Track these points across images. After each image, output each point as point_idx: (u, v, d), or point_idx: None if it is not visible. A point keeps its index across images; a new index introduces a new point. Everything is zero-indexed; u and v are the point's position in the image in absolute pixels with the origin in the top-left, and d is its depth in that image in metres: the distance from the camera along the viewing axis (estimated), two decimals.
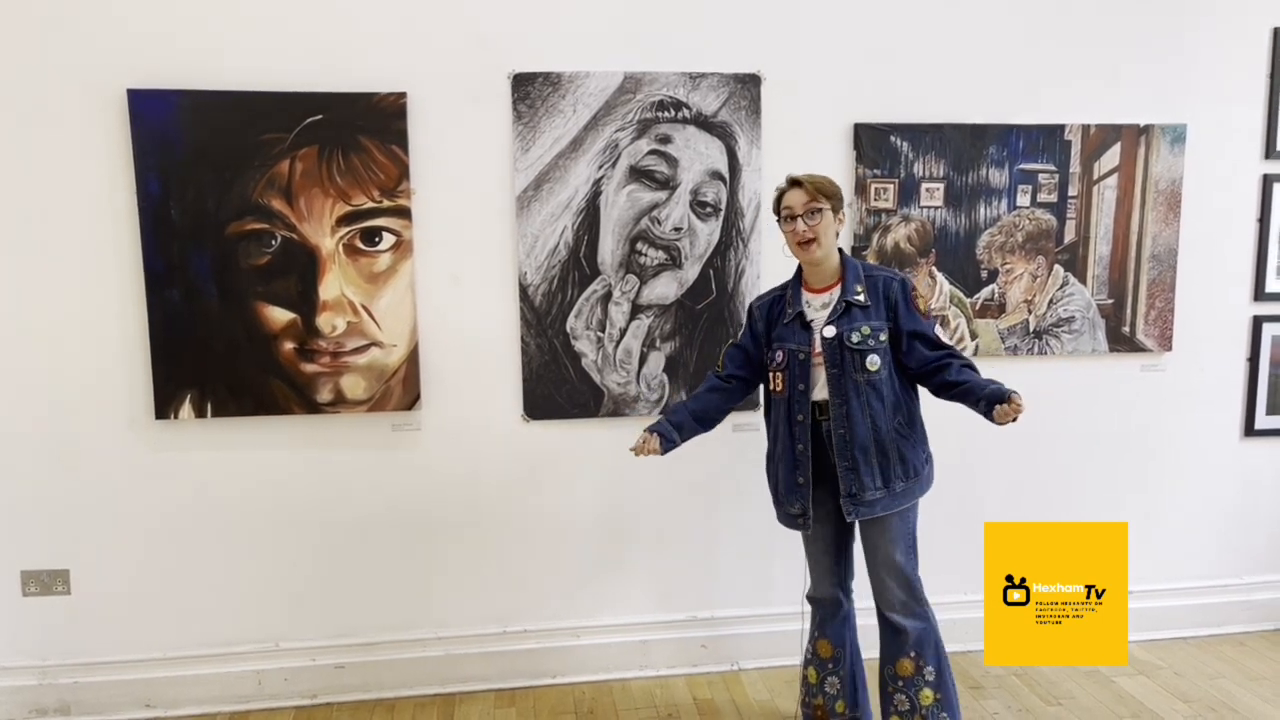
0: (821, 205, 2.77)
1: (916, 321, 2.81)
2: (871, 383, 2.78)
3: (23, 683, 3.40)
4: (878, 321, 2.79)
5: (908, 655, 2.90)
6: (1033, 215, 3.72)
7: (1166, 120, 3.76)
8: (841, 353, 2.78)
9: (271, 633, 3.53)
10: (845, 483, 2.82)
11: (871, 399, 2.78)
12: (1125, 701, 3.51)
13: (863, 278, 2.84)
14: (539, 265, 3.46)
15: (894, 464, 2.81)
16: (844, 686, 3.06)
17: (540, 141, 3.40)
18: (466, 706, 3.53)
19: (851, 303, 2.81)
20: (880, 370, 2.78)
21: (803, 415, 2.85)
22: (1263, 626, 4.10)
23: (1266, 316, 3.94)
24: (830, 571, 3.03)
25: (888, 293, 2.82)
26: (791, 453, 2.90)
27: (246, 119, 3.22)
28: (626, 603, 3.72)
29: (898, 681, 2.92)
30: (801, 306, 2.89)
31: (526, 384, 3.53)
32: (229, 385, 3.33)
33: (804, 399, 2.85)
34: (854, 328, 2.78)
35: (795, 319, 2.88)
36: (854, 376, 2.78)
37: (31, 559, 3.38)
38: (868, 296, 2.81)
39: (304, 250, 3.30)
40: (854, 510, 2.83)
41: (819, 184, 2.78)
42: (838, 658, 3.06)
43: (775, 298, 2.98)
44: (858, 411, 2.78)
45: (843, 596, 3.06)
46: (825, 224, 2.78)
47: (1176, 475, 4.00)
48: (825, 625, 3.08)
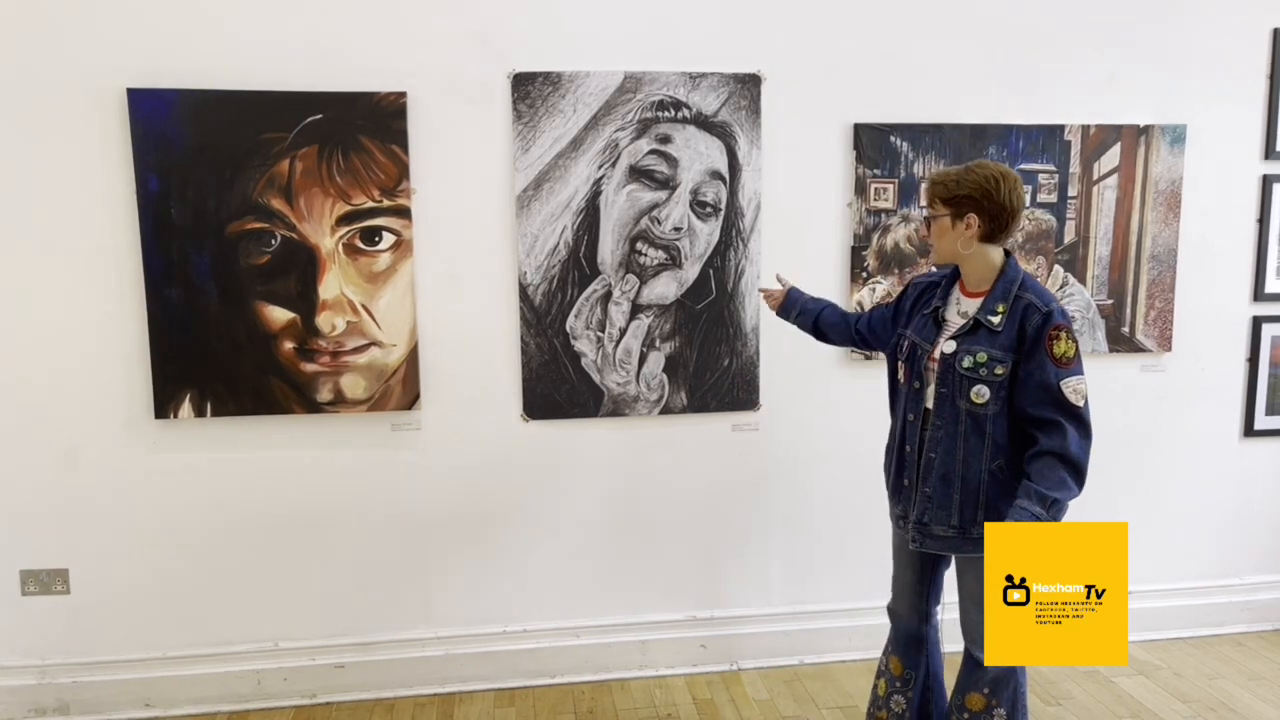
0: (937, 213, 2.57)
1: (1040, 368, 2.44)
2: (974, 415, 2.52)
3: (22, 682, 3.40)
4: (999, 351, 2.48)
5: (980, 691, 2.68)
6: (1032, 215, 3.72)
7: (1166, 121, 3.76)
8: (951, 373, 2.54)
9: (271, 632, 3.53)
10: (919, 509, 2.63)
11: (970, 432, 2.53)
12: (1125, 702, 3.51)
13: (1011, 297, 2.51)
14: (539, 265, 3.46)
15: (979, 508, 2.55)
16: (910, 710, 2.87)
17: (540, 141, 3.40)
18: (466, 706, 3.53)
19: (983, 322, 2.52)
20: (988, 406, 2.50)
21: (914, 415, 2.66)
22: (1262, 627, 4.11)
23: (1266, 317, 3.94)
24: (911, 589, 2.84)
25: (1025, 321, 2.47)
26: (901, 450, 2.73)
27: (246, 118, 3.22)
28: (626, 602, 3.72)
29: (964, 713, 2.72)
30: (946, 302, 2.66)
31: (526, 383, 3.53)
32: (228, 385, 3.33)
33: (918, 399, 2.65)
34: (971, 351, 2.51)
35: (933, 313, 2.66)
36: (958, 403, 2.54)
37: (31, 558, 3.38)
38: (1003, 320, 2.50)
39: (304, 250, 3.30)
40: (919, 540, 2.66)
41: (939, 187, 2.56)
42: (908, 679, 2.88)
43: (931, 282, 2.76)
44: (951, 440, 2.56)
45: (921, 622, 2.85)
46: (939, 230, 2.58)
47: (1176, 475, 4.00)
48: (899, 643, 2.90)
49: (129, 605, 3.43)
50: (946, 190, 2.54)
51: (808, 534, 3.77)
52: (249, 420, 3.39)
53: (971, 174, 2.52)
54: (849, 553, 3.78)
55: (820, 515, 3.76)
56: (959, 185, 2.51)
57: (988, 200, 2.49)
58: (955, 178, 2.53)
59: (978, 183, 2.49)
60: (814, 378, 3.69)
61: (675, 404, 3.60)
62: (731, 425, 3.68)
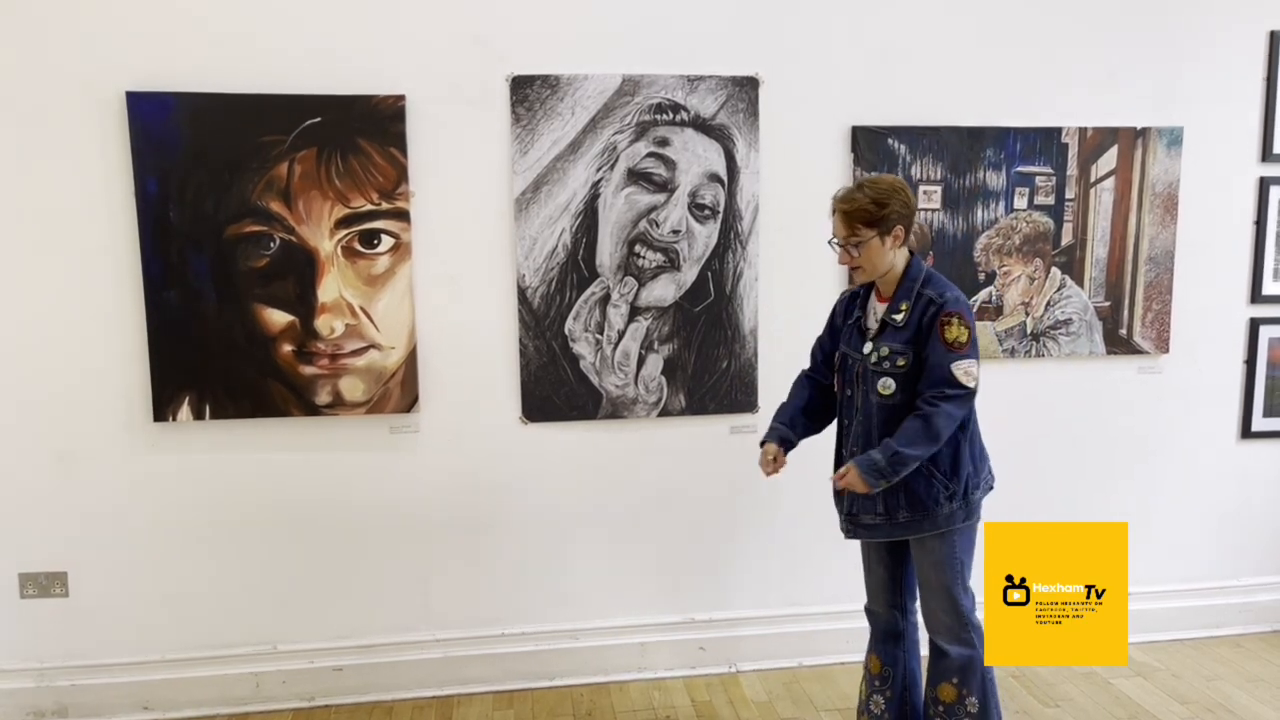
0: (860, 237, 2.64)
1: (933, 352, 2.59)
2: (883, 406, 2.68)
3: (20, 685, 3.39)
4: (900, 344, 2.65)
5: (950, 681, 2.79)
6: (1030, 218, 3.72)
7: (1163, 123, 3.77)
8: (865, 370, 2.72)
9: (269, 635, 3.52)
10: (847, 500, 2.80)
11: (882, 423, 2.68)
12: (1123, 703, 3.51)
13: (913, 294, 2.67)
14: (537, 267, 3.46)
15: (897, 493, 2.68)
16: (890, 708, 2.95)
17: (539, 144, 3.41)
18: (465, 708, 3.53)
19: (888, 321, 2.69)
20: (894, 395, 2.66)
21: (848, 420, 2.83)
22: (1260, 628, 4.11)
23: (1263, 319, 3.95)
24: (884, 587, 2.94)
25: (923, 315, 2.63)
26: (839, 457, 2.89)
27: (245, 121, 3.22)
28: (625, 605, 3.72)
29: (939, 706, 2.82)
30: (866, 311, 2.80)
31: (525, 386, 3.53)
32: (227, 387, 3.33)
33: (851, 405, 2.81)
34: (877, 347, 2.69)
35: (855, 323, 2.81)
36: (870, 397, 2.71)
37: (29, 561, 3.38)
38: (906, 316, 2.66)
39: (303, 252, 3.30)
40: (850, 530, 2.84)
41: (861, 211, 2.63)
42: (886, 676, 2.96)
43: (853, 294, 2.89)
44: (866, 433, 2.73)
45: (899, 616, 2.95)
46: (870, 253, 2.65)
47: (1174, 477, 4.01)
48: (876, 641, 3.00)
49: (128, 608, 3.43)
50: (870, 214, 2.63)
51: (806, 536, 3.77)
52: (248, 423, 3.39)
53: (882, 191, 2.64)
54: (847, 555, 3.74)
55: (819, 517, 3.74)
56: (881, 205, 2.62)
57: (905, 209, 2.66)
58: (874, 199, 2.63)
59: (894, 196, 2.63)
60: None
61: (674, 406, 3.61)
62: (730, 427, 3.68)
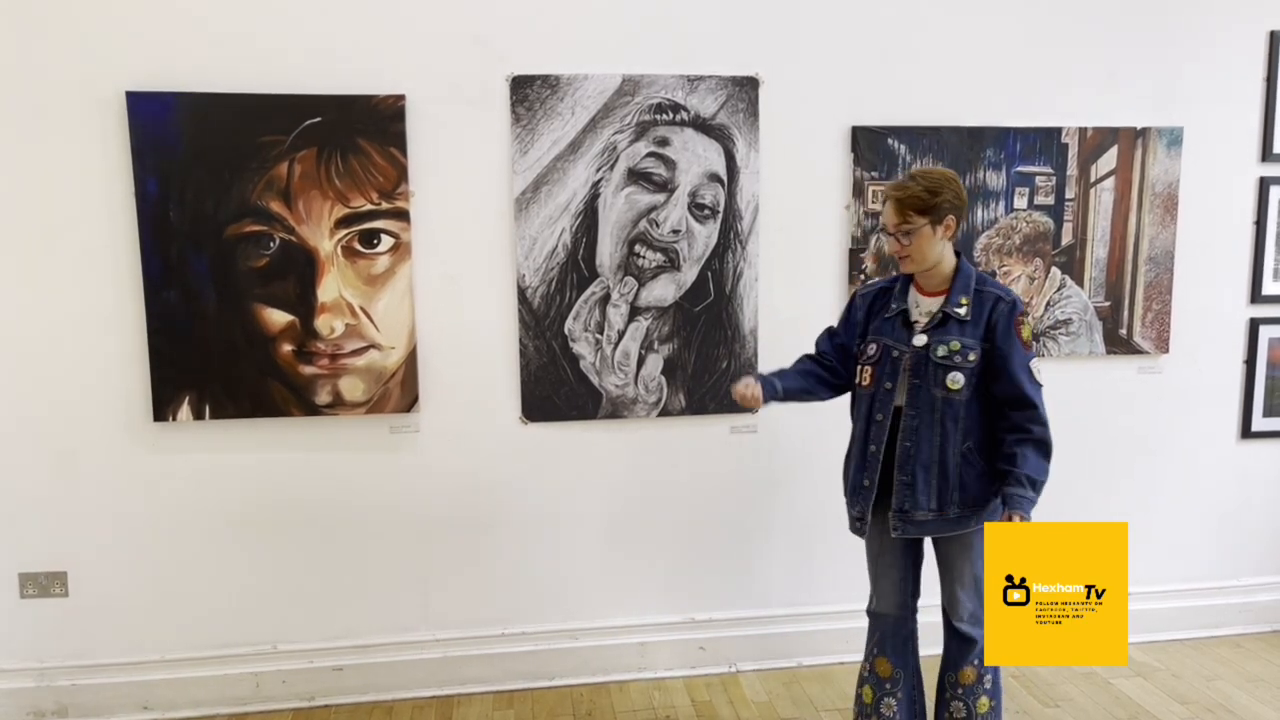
0: (912, 225, 2.64)
1: (1014, 352, 2.63)
2: (949, 401, 2.66)
3: (20, 685, 3.39)
4: (970, 339, 2.65)
5: (972, 664, 2.84)
6: (1030, 218, 3.73)
7: (1163, 123, 3.77)
8: (926, 364, 2.67)
9: (269, 635, 3.52)
10: (899, 497, 2.73)
11: (946, 418, 2.67)
12: (1123, 703, 3.51)
13: (971, 290, 2.68)
14: (537, 267, 3.46)
15: (953, 489, 2.70)
16: (901, 708, 2.92)
17: (539, 144, 3.41)
18: (465, 708, 3.53)
19: (950, 315, 2.67)
20: (961, 391, 2.65)
21: (882, 415, 2.75)
22: (1260, 628, 4.11)
23: (1263, 319, 3.95)
24: (897, 588, 2.90)
25: (992, 312, 2.65)
26: (863, 452, 2.81)
27: (245, 121, 3.22)
28: (625, 604, 3.72)
29: (958, 689, 2.86)
30: (907, 305, 2.77)
31: (525, 386, 3.53)
32: (227, 387, 3.33)
33: (888, 399, 2.74)
34: (944, 341, 2.66)
35: (898, 315, 2.77)
36: (933, 391, 2.67)
37: (29, 561, 3.38)
38: (970, 311, 2.66)
39: (302, 252, 3.30)
40: (901, 527, 2.75)
41: (916, 199, 2.64)
42: (897, 678, 2.92)
43: (881, 289, 2.87)
44: (928, 428, 2.68)
45: (908, 616, 2.94)
46: (921, 241, 2.65)
47: (1174, 477, 4.01)
48: (886, 643, 2.93)
49: (128, 608, 3.43)
50: (923, 201, 2.64)
51: (806, 536, 3.77)
52: (247, 423, 3.39)
53: (934, 180, 2.66)
54: (847, 554, 3.74)
55: (819, 517, 3.76)
56: (933, 194, 2.64)
57: (957, 200, 2.68)
58: (926, 188, 2.65)
59: (946, 186, 2.66)
60: None
61: (674, 406, 3.61)
62: (730, 427, 3.69)
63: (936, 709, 2.96)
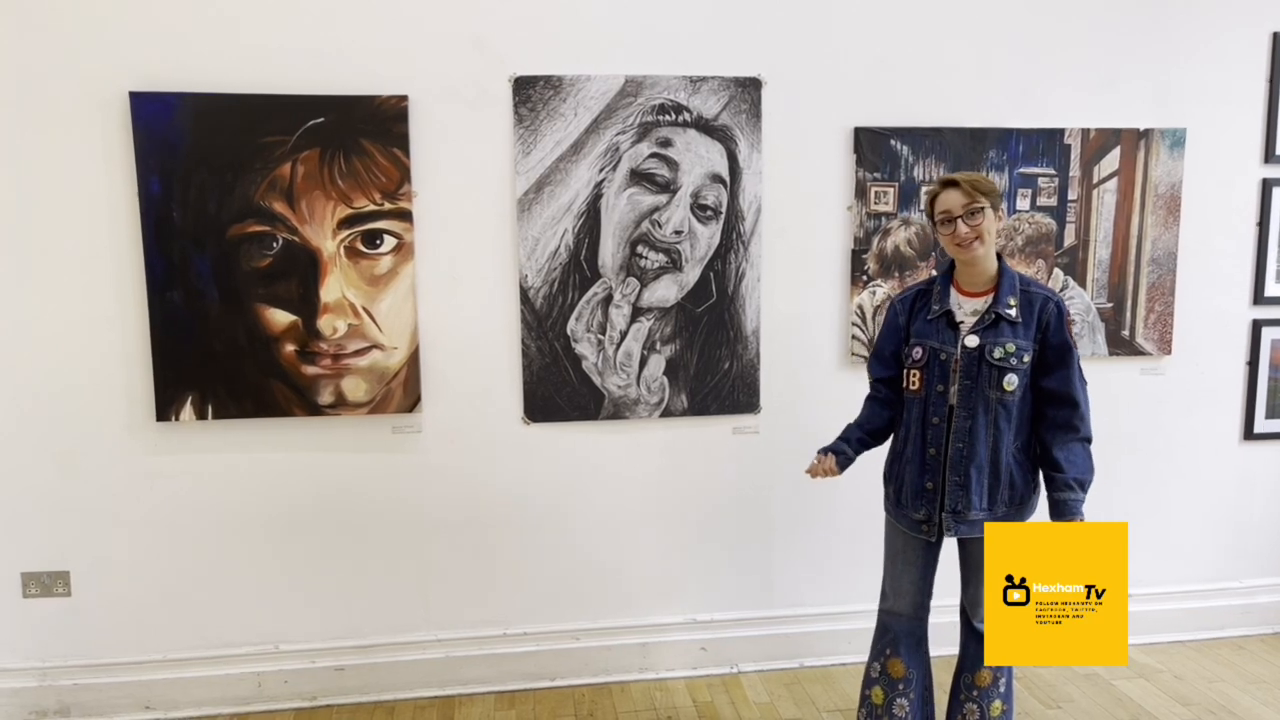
0: (981, 203, 2.62)
1: (1068, 351, 2.66)
2: (1004, 402, 2.66)
3: (22, 684, 3.40)
4: (1025, 341, 2.65)
5: (988, 667, 2.84)
6: (1032, 219, 3.73)
7: (1166, 124, 3.77)
8: (980, 366, 2.65)
9: (271, 634, 3.53)
10: (952, 498, 2.71)
11: (1000, 418, 2.67)
12: (1124, 705, 3.51)
13: (1018, 291, 2.68)
14: (540, 268, 3.47)
15: (1004, 487, 2.71)
16: (914, 709, 2.90)
17: (541, 145, 3.41)
18: (466, 709, 3.53)
19: (1002, 316, 2.66)
20: (1015, 391, 2.65)
21: (938, 418, 2.72)
22: (1262, 630, 4.11)
23: (1266, 320, 3.95)
24: (917, 588, 2.88)
25: (1043, 312, 2.66)
26: (922, 455, 2.77)
27: (248, 121, 3.23)
28: (626, 605, 3.72)
29: (973, 691, 2.86)
30: (950, 306, 2.75)
31: (527, 386, 3.53)
32: (230, 387, 3.34)
33: (941, 401, 2.71)
34: (999, 343, 2.64)
35: (942, 317, 2.74)
36: (986, 393, 2.66)
37: (32, 560, 3.38)
38: (1020, 312, 2.66)
39: (305, 253, 3.30)
40: (954, 527, 2.73)
41: (976, 182, 2.64)
42: (910, 679, 2.90)
43: (918, 292, 2.85)
44: (982, 429, 2.67)
45: (924, 616, 2.92)
46: (987, 223, 2.64)
47: (1176, 479, 4.01)
48: (900, 644, 2.91)
49: (130, 608, 3.44)
50: (984, 183, 2.66)
51: (808, 537, 3.77)
52: (250, 423, 3.39)
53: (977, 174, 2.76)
54: (849, 555, 3.78)
55: (820, 518, 3.76)
56: (984, 181, 2.66)
57: (999, 196, 2.70)
58: (977, 175, 2.69)
59: (989, 180, 2.69)
60: (814, 381, 3.70)
61: (676, 407, 3.61)
62: (732, 428, 3.69)
63: (949, 710, 2.95)
